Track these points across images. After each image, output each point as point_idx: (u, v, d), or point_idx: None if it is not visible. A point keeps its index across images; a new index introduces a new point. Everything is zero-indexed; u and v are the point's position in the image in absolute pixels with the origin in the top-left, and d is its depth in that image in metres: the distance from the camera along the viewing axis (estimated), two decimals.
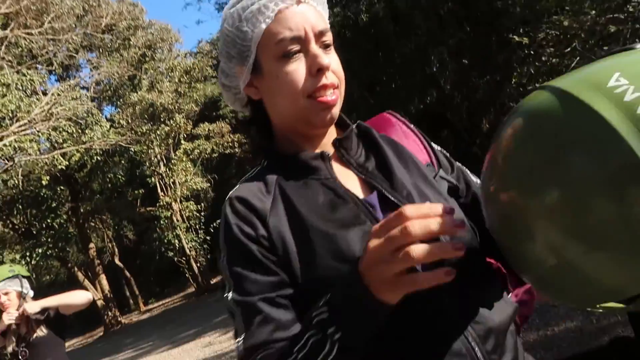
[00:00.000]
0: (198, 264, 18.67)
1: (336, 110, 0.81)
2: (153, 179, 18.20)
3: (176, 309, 17.30)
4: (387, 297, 0.60)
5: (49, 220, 17.86)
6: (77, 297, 2.83)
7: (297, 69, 0.77)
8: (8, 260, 17.43)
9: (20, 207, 17.90)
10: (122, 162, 19.49)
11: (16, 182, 13.58)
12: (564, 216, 0.55)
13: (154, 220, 19.32)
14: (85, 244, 20.26)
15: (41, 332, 2.79)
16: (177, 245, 18.06)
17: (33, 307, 2.77)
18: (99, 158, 15.89)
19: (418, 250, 0.56)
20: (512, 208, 0.62)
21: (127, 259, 27.54)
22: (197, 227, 18.66)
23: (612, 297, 0.58)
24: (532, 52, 6.39)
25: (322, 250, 0.73)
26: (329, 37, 0.80)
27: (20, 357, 2.77)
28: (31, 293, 2.92)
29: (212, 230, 19.31)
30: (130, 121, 15.89)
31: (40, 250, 17.18)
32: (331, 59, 0.79)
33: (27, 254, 17.07)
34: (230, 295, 0.77)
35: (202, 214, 19.12)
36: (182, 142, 18.29)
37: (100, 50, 17.13)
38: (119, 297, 25.33)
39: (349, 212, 0.77)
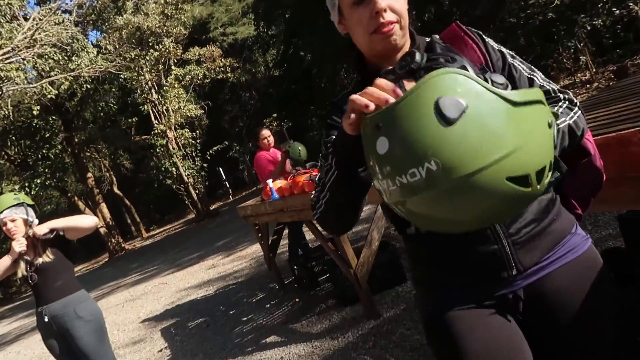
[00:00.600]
0: (197, 191, 18.86)
1: (396, 38, 1.03)
2: (146, 106, 17.88)
3: (177, 235, 17.72)
4: (348, 130, 0.88)
5: (44, 151, 17.75)
6: (83, 220, 2.86)
7: (363, 12, 1.01)
8: (7, 191, 17.54)
9: (13, 138, 17.71)
10: (113, 89, 19.03)
11: (6, 112, 13.31)
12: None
13: (150, 149, 19.26)
14: (82, 173, 20.31)
15: (48, 257, 2.84)
16: (174, 173, 18.14)
17: (42, 228, 2.80)
18: (88, 86, 15.47)
19: (356, 96, 0.82)
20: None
21: (125, 187, 27.80)
22: (194, 154, 18.64)
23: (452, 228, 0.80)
24: None
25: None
26: None
27: (30, 282, 2.85)
28: (36, 221, 2.94)
29: (208, 157, 19.33)
30: (117, 47, 15.31)
31: (38, 181, 17.22)
32: (390, 1, 1.00)
33: (26, 184, 17.12)
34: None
35: (198, 141, 19.03)
36: (173, 67, 17.79)
37: None
38: (120, 224, 25.86)
39: None
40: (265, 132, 5.06)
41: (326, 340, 3.42)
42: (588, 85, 9.07)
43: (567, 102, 1.07)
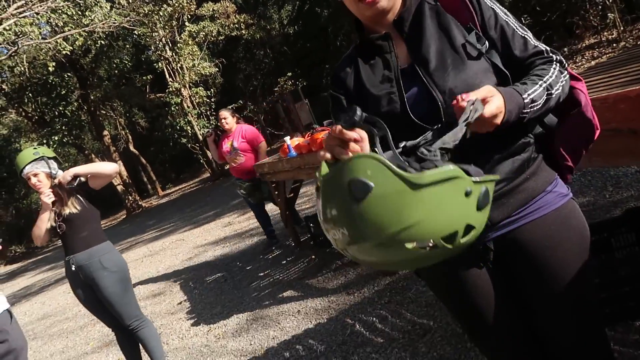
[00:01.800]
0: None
1: (382, 4, 1.08)
2: (160, 64, 17.73)
3: (193, 194, 17.93)
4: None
5: (60, 108, 17.84)
6: (104, 166, 2.89)
7: None
8: (25, 148, 17.68)
9: (30, 95, 17.80)
10: (127, 46, 18.87)
11: (22, 68, 13.29)
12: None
13: (165, 107, 19.23)
14: (99, 131, 20.46)
15: (74, 208, 2.90)
16: (189, 131, 18.16)
17: (66, 175, 2.84)
18: (102, 42, 15.32)
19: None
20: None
21: (141, 146, 28.01)
22: (208, 113, 18.59)
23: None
24: None
25: (370, 107, 1.12)
26: None
27: (59, 231, 2.92)
28: (60, 173, 2.98)
29: None
30: (131, 1, 15.07)
31: (56, 138, 17.40)
32: None
33: (44, 141, 17.33)
34: None
35: (212, 100, 18.94)
36: (187, 24, 17.50)
37: None
38: (137, 182, 26.22)
39: (388, 82, 1.12)
40: (223, 113, 5.27)
41: (342, 295, 3.49)
42: (614, 45, 8.74)
43: (558, 65, 1.08)
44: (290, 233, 5.29)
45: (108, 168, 2.88)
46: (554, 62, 1.08)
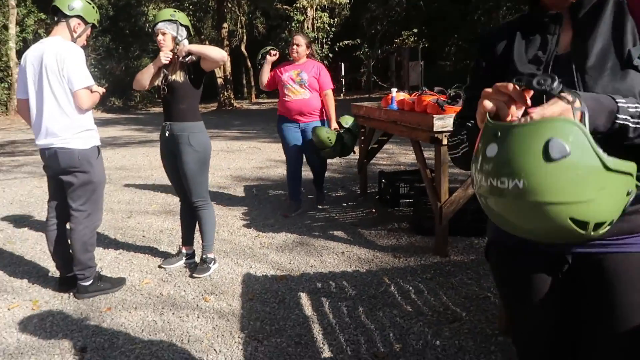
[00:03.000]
0: None
1: None
2: None
3: None
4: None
5: None
6: (215, 52, 3.04)
7: None
8: (151, 14, 18.60)
9: None
10: None
11: None
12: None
13: (286, 21, 19.35)
14: (220, 22, 21.07)
15: (180, 78, 3.09)
16: None
17: (182, 48, 3.04)
18: None
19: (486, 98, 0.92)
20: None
21: (252, 49, 28.61)
22: (324, 40, 18.52)
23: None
24: None
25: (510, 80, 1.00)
26: None
27: (162, 93, 3.15)
28: (186, 42, 3.15)
29: (336, 49, 19.14)
30: None
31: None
32: None
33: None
34: None
35: (333, 29, 18.79)
36: None
37: None
38: (235, 82, 27.07)
39: (537, 64, 1.08)
40: (298, 39, 4.57)
41: (388, 255, 3.54)
42: None
43: None
44: (361, 181, 5.34)
45: (217, 54, 3.01)
46: None
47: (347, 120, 4.62)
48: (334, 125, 4.55)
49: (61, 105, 2.80)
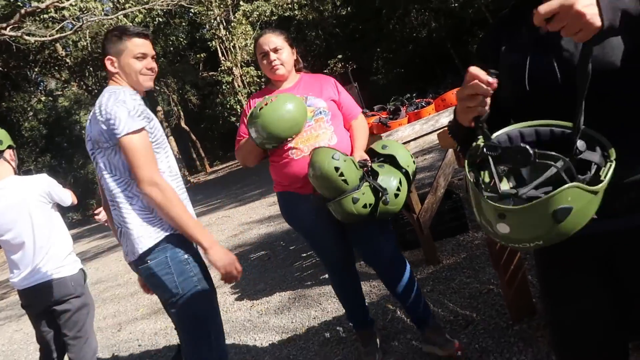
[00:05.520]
0: None
1: None
2: (214, 42, 18.08)
3: (240, 172, 18.29)
4: (462, 121, 1.04)
5: None
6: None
7: None
8: (84, 120, 18.52)
9: (91, 69, 18.59)
10: (183, 24, 19.33)
11: (85, 43, 13.93)
12: None
13: (216, 85, 19.64)
14: (153, 106, 21.15)
15: None
16: (239, 110, 18.48)
17: None
18: (160, 19, 15.81)
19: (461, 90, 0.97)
20: None
21: (192, 122, 28.76)
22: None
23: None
24: None
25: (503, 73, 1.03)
26: None
27: None
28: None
29: None
30: None
31: None
32: None
33: None
34: None
35: (262, 79, 19.14)
36: (241, 3, 17.69)
37: None
38: (186, 158, 27.00)
39: (523, 54, 1.05)
40: (270, 40, 2.40)
41: None
42: None
43: None
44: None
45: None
46: None
47: (388, 146, 2.28)
48: (360, 155, 2.26)
49: (49, 237, 2.72)
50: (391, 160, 2.19)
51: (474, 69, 0.94)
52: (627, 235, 1.02)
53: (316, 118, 2.27)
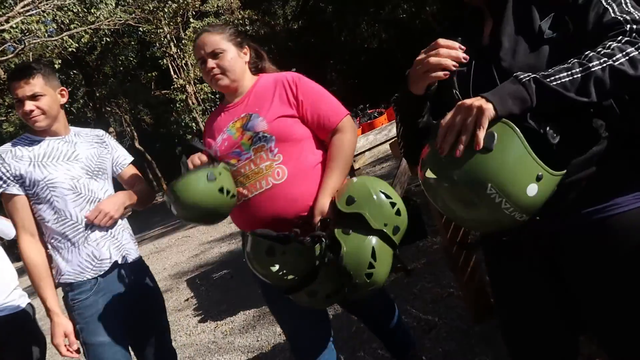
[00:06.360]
0: None
1: None
2: (165, 60, 17.82)
3: None
4: (415, 90, 1.08)
5: (66, 105, 17.95)
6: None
7: None
8: None
9: None
10: (132, 43, 18.98)
11: None
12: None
13: (170, 104, 19.32)
14: (104, 128, 20.53)
15: None
16: (194, 128, 18.24)
17: None
18: (108, 39, 15.47)
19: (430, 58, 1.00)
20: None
21: (146, 142, 28.10)
22: (213, 109, 18.64)
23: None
24: None
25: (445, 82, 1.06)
26: None
27: None
28: None
29: None
30: None
31: None
32: None
33: None
34: None
35: (217, 96, 18.99)
36: (192, 20, 17.55)
37: None
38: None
39: (467, 64, 1.06)
40: (208, 39, 1.79)
41: None
42: None
43: (631, 36, 0.89)
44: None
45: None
46: (627, 33, 0.90)
47: (355, 199, 1.51)
48: (322, 206, 1.61)
49: None
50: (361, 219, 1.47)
51: (445, 40, 1.00)
52: (569, 236, 1.04)
53: (255, 147, 1.64)
